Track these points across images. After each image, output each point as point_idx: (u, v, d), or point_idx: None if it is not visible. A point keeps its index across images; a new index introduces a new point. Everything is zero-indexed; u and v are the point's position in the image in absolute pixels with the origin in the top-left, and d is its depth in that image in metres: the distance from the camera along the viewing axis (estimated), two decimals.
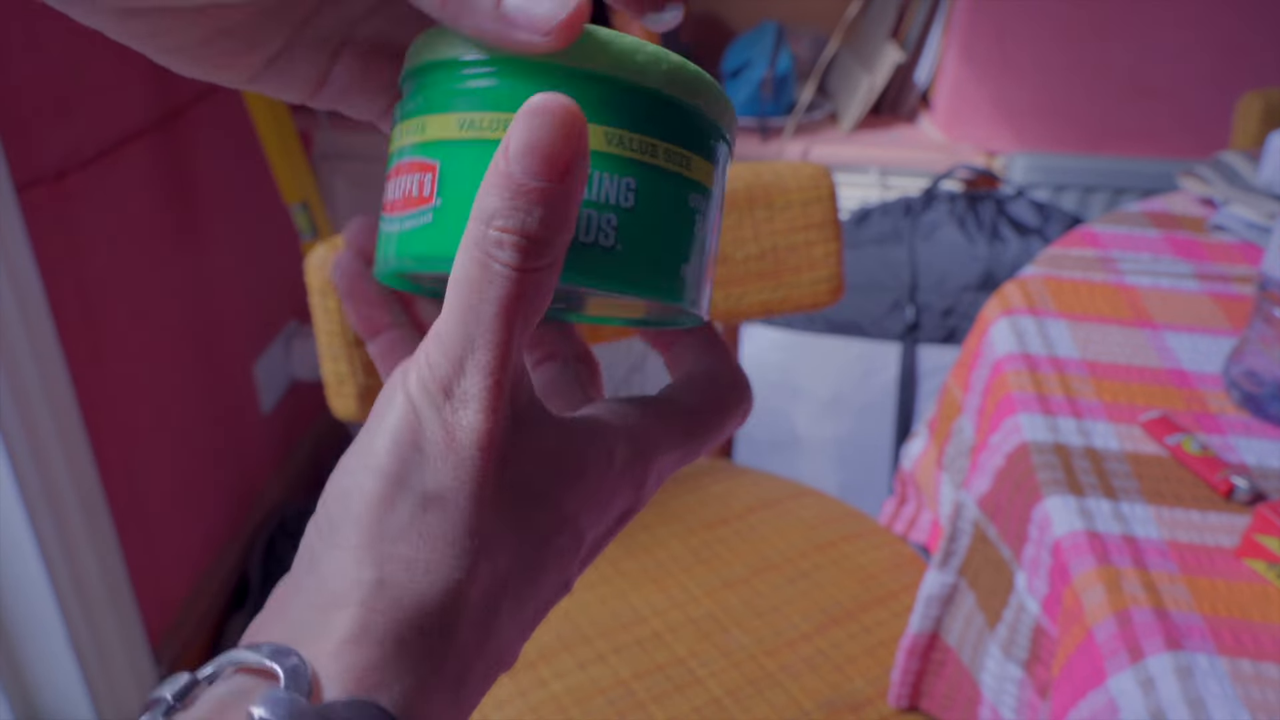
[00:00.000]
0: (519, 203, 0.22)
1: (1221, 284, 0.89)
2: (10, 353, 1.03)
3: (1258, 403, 0.71)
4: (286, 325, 1.71)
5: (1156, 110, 1.56)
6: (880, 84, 1.56)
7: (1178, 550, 0.60)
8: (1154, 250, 0.95)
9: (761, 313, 0.96)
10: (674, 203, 0.26)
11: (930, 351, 1.38)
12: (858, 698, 0.79)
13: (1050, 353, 0.79)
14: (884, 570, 0.90)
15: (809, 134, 1.60)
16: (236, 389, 1.53)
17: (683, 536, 0.94)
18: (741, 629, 0.84)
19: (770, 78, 1.58)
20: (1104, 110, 1.57)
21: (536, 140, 0.22)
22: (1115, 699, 0.53)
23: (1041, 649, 0.63)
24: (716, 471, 1.04)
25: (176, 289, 1.35)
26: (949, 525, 0.76)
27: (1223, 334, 0.81)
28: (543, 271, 0.23)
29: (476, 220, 0.22)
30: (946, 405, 0.90)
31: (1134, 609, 0.56)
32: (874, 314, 1.40)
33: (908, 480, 0.97)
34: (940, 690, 0.76)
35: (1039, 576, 0.63)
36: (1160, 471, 0.66)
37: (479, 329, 0.22)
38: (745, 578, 0.89)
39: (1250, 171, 1.03)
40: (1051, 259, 0.93)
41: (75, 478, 1.13)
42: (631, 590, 0.88)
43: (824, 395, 1.44)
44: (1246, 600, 0.57)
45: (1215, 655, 0.53)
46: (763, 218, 0.94)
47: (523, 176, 0.22)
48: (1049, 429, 0.70)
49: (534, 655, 0.82)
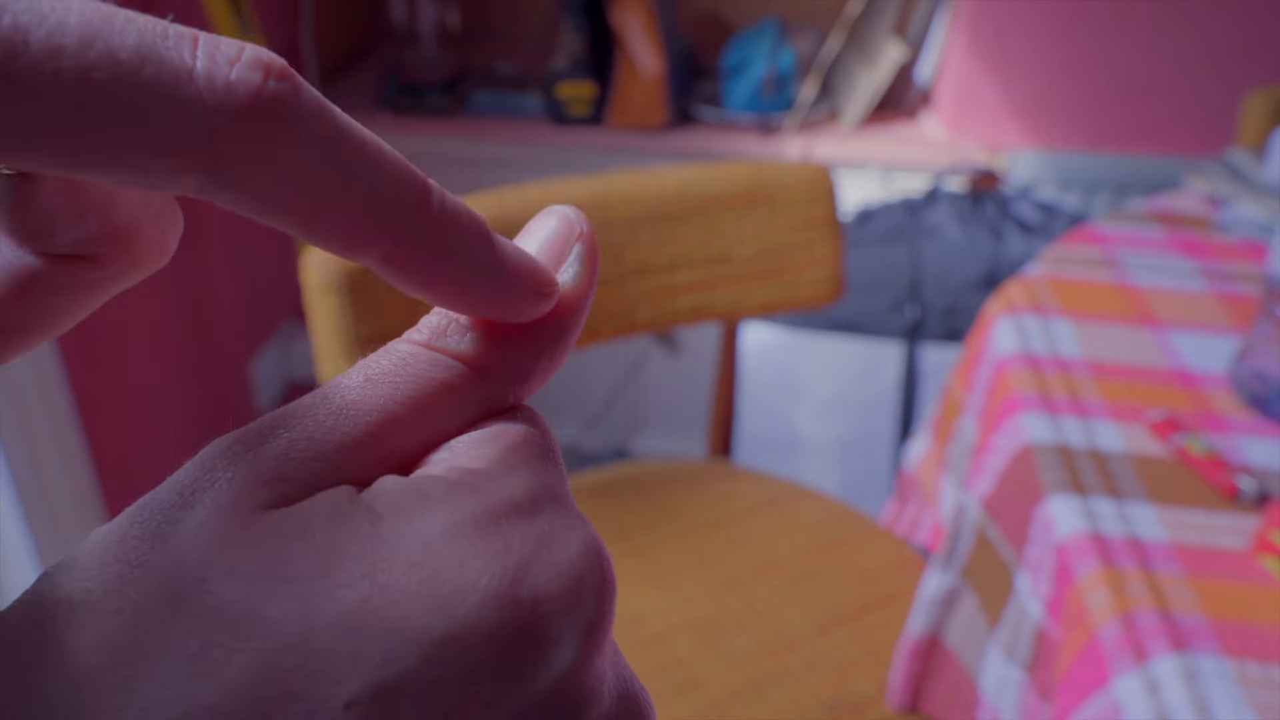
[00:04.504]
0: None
1: (1227, 283, 0.88)
2: None
3: (1265, 403, 0.71)
4: (283, 325, 1.70)
5: (1161, 107, 1.56)
6: (883, 81, 1.55)
7: (1182, 552, 0.59)
8: (1159, 249, 0.94)
9: (762, 312, 0.96)
10: None
11: (932, 351, 1.38)
12: (859, 699, 0.78)
13: (1053, 352, 0.78)
14: (886, 572, 0.90)
15: (810, 132, 1.60)
16: (233, 389, 1.53)
17: (683, 538, 0.93)
18: (742, 631, 0.84)
19: (771, 75, 1.58)
20: (1109, 107, 1.57)
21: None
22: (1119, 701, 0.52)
23: (1043, 651, 0.62)
24: (717, 472, 1.04)
25: (172, 289, 1.35)
26: (951, 526, 0.76)
27: (1228, 333, 0.81)
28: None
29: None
30: (948, 405, 0.90)
31: (1138, 611, 0.55)
32: (876, 313, 1.39)
33: (909, 481, 0.97)
34: (940, 692, 0.75)
35: (1042, 578, 0.63)
36: (1164, 472, 0.65)
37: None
38: (746, 579, 0.89)
39: (1256, 169, 1.02)
40: (1055, 258, 0.92)
41: (71, 479, 1.13)
42: (631, 592, 0.87)
43: (825, 395, 1.44)
44: (1252, 602, 0.56)
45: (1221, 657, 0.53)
46: (764, 217, 0.93)
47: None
48: (1052, 429, 0.69)
49: None
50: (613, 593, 0.18)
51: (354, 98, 1.67)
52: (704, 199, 0.92)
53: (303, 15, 1.57)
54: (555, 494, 0.19)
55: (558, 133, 1.59)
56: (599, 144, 1.58)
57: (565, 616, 0.17)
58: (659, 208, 0.90)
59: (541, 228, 0.21)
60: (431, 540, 0.16)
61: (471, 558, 0.16)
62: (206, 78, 0.14)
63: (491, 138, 1.60)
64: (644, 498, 0.98)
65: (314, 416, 0.18)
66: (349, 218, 0.16)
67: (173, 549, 0.15)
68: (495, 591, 0.16)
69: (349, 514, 0.16)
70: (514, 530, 0.17)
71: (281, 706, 0.15)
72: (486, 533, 0.17)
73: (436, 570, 0.16)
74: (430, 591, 0.16)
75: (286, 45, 1.59)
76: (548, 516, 0.18)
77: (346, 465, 0.17)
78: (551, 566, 0.17)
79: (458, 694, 0.16)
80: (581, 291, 0.20)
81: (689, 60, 1.66)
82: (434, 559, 0.16)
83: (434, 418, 0.19)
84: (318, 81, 1.60)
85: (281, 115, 0.15)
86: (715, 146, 1.57)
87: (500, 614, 0.16)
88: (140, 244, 0.19)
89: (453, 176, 1.62)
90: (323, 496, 0.17)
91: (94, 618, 0.15)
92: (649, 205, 0.90)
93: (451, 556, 0.16)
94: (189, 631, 0.15)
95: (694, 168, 0.93)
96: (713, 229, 0.92)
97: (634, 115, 1.57)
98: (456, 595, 0.16)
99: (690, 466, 1.04)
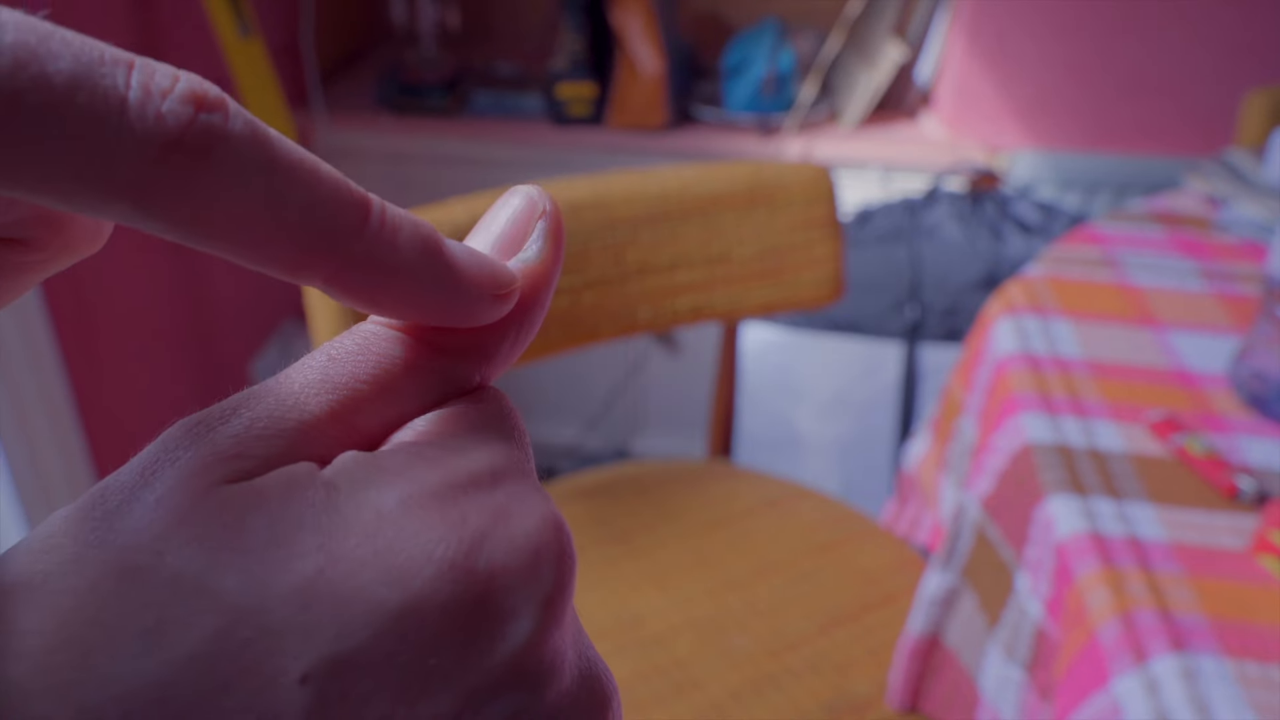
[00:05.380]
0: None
1: (1227, 283, 0.89)
2: (6, 355, 1.02)
3: (1264, 403, 0.71)
4: (283, 325, 1.70)
5: (1161, 107, 1.56)
6: (883, 81, 1.55)
7: (1182, 552, 0.59)
8: (1158, 249, 0.94)
9: (762, 312, 0.96)
10: None
11: (932, 351, 1.38)
12: (859, 699, 0.78)
13: (1053, 352, 0.78)
14: (886, 572, 0.90)
15: (810, 132, 1.60)
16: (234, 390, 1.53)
17: (683, 538, 0.93)
18: (742, 630, 0.84)
19: (771, 75, 1.58)
20: (1109, 107, 1.57)
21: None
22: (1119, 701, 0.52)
23: (1043, 651, 0.62)
24: (717, 472, 1.04)
25: (172, 289, 1.35)
26: (950, 526, 0.76)
27: (1228, 333, 0.81)
28: None
29: None
30: (948, 405, 0.90)
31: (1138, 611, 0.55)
32: (876, 313, 1.39)
33: (909, 481, 0.97)
34: (940, 692, 0.75)
35: (1041, 578, 0.63)
36: (1164, 472, 0.65)
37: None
38: (746, 579, 0.89)
39: (1256, 169, 1.02)
40: (1055, 258, 0.92)
41: (72, 481, 1.13)
42: (631, 592, 0.87)
43: (825, 395, 1.44)
44: (1252, 601, 0.56)
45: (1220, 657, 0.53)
46: (764, 216, 0.93)
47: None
48: (1052, 429, 0.69)
49: None
50: (571, 566, 0.18)
51: (354, 98, 1.67)
52: (704, 199, 0.92)
53: (302, 15, 1.57)
54: (515, 468, 0.18)
55: (558, 133, 1.59)
56: (599, 144, 1.58)
57: (522, 589, 0.17)
58: (659, 208, 0.90)
59: (504, 208, 0.21)
60: (387, 511, 0.16)
61: (427, 529, 0.16)
62: (138, 108, 0.14)
63: (491, 138, 1.60)
64: (644, 498, 0.98)
65: (275, 395, 0.18)
66: (283, 245, 0.16)
67: (130, 524, 0.15)
68: (450, 563, 0.16)
69: (305, 487, 0.16)
70: (471, 502, 0.17)
71: (237, 680, 0.14)
72: (443, 504, 0.17)
73: (391, 541, 0.16)
74: (385, 563, 0.16)
75: (286, 45, 1.59)
76: (506, 490, 0.18)
77: (307, 443, 0.17)
78: (508, 539, 0.17)
79: (413, 667, 0.15)
80: (545, 268, 0.20)
81: (689, 60, 1.66)
82: (389, 529, 0.16)
83: (396, 396, 0.19)
84: (317, 81, 1.60)
85: (210, 148, 0.15)
86: (715, 146, 1.57)
87: (455, 586, 0.16)
88: (73, 228, 0.19)
89: (453, 176, 1.62)
90: (281, 472, 0.16)
91: (48, 598, 0.15)
92: (649, 205, 0.90)
93: (406, 527, 0.16)
94: (145, 605, 0.15)
95: (694, 168, 0.93)
96: (713, 229, 0.92)
97: (634, 115, 1.57)
98: (412, 566, 0.16)
99: (690, 466, 1.04)
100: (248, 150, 0.15)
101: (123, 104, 0.14)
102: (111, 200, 0.14)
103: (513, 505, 0.17)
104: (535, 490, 0.18)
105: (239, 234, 0.16)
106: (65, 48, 0.14)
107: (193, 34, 1.35)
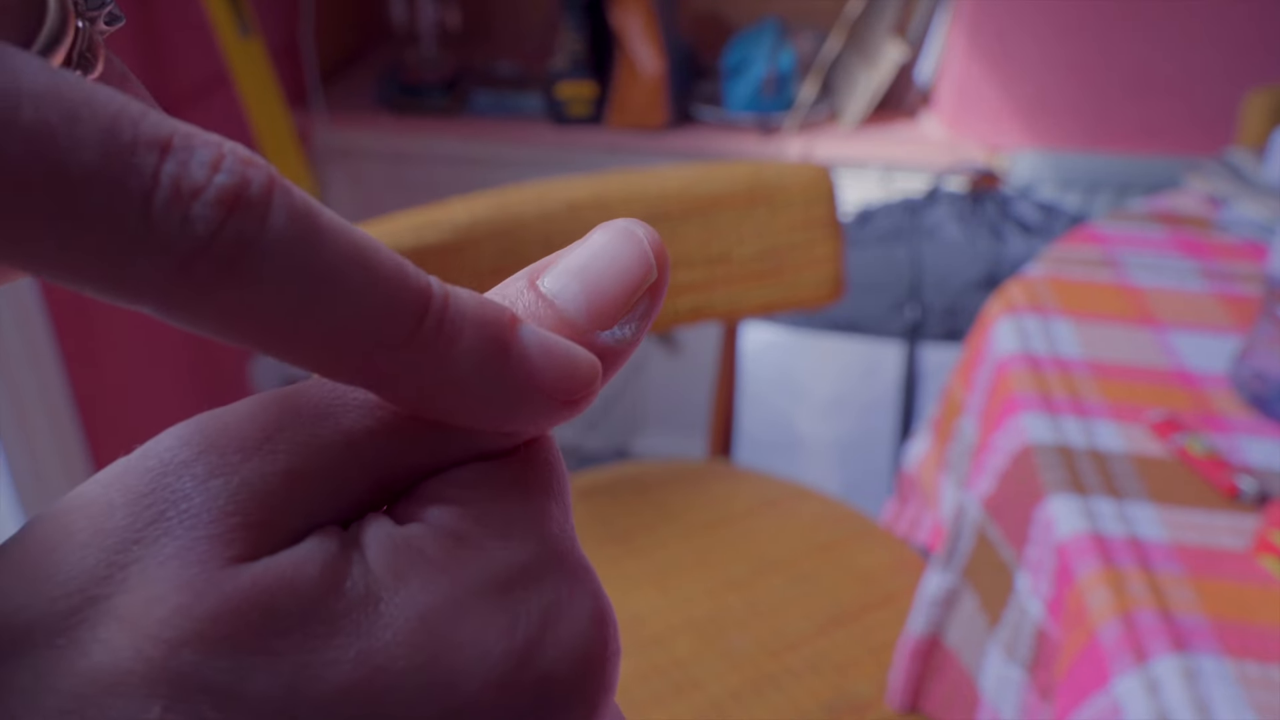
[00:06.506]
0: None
1: (1227, 283, 0.88)
2: (6, 355, 1.02)
3: (1265, 402, 0.71)
4: None
5: (1162, 107, 1.55)
6: (883, 81, 1.55)
7: (1182, 552, 0.59)
8: (1159, 249, 0.94)
9: (762, 312, 0.96)
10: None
11: (933, 351, 1.37)
12: (859, 700, 0.78)
13: (1054, 352, 0.78)
14: (886, 572, 0.90)
15: (810, 132, 1.60)
16: (233, 390, 1.53)
17: (683, 538, 0.93)
18: (742, 631, 0.84)
19: (771, 75, 1.58)
20: (1109, 106, 1.57)
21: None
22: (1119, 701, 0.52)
23: (1044, 651, 0.62)
24: (717, 472, 1.04)
25: None
26: (951, 526, 0.76)
27: (1228, 333, 0.80)
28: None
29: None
30: (948, 405, 0.90)
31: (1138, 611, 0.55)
32: (876, 313, 1.39)
33: (909, 481, 0.97)
34: (940, 692, 0.75)
35: (1042, 578, 0.63)
36: (1165, 472, 0.65)
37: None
38: (746, 579, 0.89)
39: (1256, 169, 1.02)
40: (1055, 258, 0.92)
41: (71, 481, 1.13)
42: (631, 592, 0.87)
43: (825, 395, 1.44)
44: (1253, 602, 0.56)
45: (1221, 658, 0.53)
46: (764, 216, 0.93)
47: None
48: (1052, 429, 0.69)
49: None
50: (616, 662, 0.17)
51: (354, 98, 1.67)
52: (704, 199, 0.92)
53: (302, 15, 1.57)
54: (562, 546, 0.17)
55: (558, 132, 1.59)
56: (599, 144, 1.58)
57: (570, 696, 0.16)
58: (659, 208, 0.90)
59: (612, 255, 0.18)
60: (432, 615, 0.15)
61: (474, 638, 0.15)
62: (162, 210, 0.12)
63: (491, 137, 1.60)
64: (644, 498, 0.98)
65: (309, 440, 0.15)
66: (321, 350, 0.14)
67: (130, 593, 0.13)
68: (500, 675, 0.15)
69: (342, 577, 0.14)
70: (520, 602, 0.16)
71: None
72: (491, 605, 0.15)
73: (437, 652, 0.14)
74: (430, 675, 0.14)
75: (286, 45, 1.59)
76: (555, 578, 0.16)
77: (336, 501, 0.16)
78: (558, 644, 0.16)
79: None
80: (625, 348, 0.18)
81: (689, 60, 1.66)
82: (435, 639, 0.15)
83: (433, 443, 0.17)
84: (317, 81, 1.60)
85: (239, 259, 0.13)
86: (715, 146, 1.57)
87: (504, 698, 0.15)
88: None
89: (453, 176, 1.62)
90: (312, 549, 0.15)
91: (40, 655, 0.13)
92: (649, 205, 0.90)
93: (454, 636, 0.15)
94: (150, 696, 0.13)
95: (694, 168, 0.93)
96: (713, 229, 0.92)
97: (634, 115, 1.57)
98: (459, 678, 0.14)
99: (690, 466, 1.04)
100: (283, 256, 0.13)
101: (146, 205, 0.12)
102: (129, 299, 0.13)
103: (562, 600, 0.16)
104: (584, 571, 0.17)
105: (269, 340, 0.14)
106: (92, 131, 0.12)
107: (193, 34, 1.35)
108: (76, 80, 0.12)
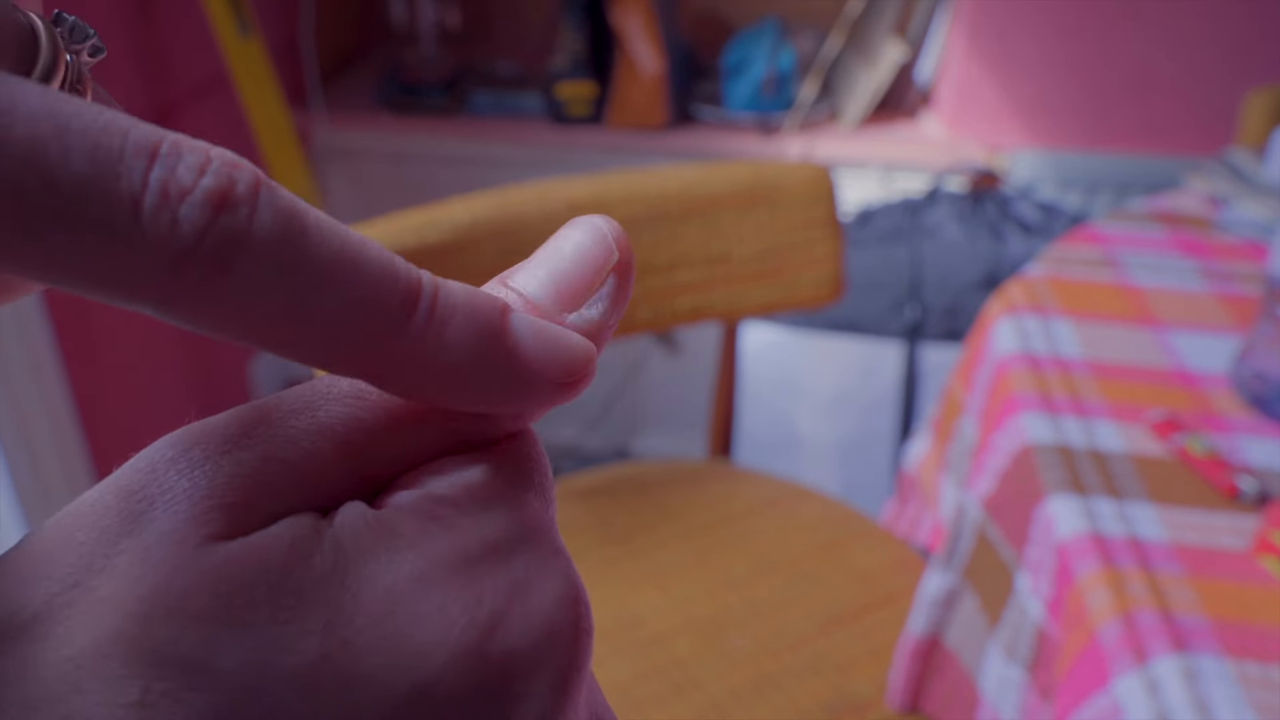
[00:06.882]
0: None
1: (1228, 283, 0.88)
2: (6, 355, 1.02)
3: (1265, 402, 0.71)
4: None
5: (1162, 106, 1.55)
6: (883, 81, 1.55)
7: (1183, 552, 0.59)
8: (1159, 249, 0.94)
9: (762, 312, 0.96)
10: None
11: (933, 351, 1.37)
12: (859, 699, 0.78)
13: (1054, 352, 0.78)
14: (886, 572, 0.90)
15: (810, 132, 1.60)
16: (233, 390, 1.53)
17: (683, 538, 0.93)
18: (742, 631, 0.83)
19: (771, 75, 1.58)
20: (1109, 106, 1.57)
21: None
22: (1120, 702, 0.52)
23: (1044, 651, 0.62)
24: (717, 472, 1.04)
25: None
26: (951, 526, 0.76)
27: (1229, 333, 0.80)
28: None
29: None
30: (948, 405, 0.90)
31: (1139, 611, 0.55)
32: (876, 313, 1.39)
33: (910, 481, 0.97)
34: (940, 692, 0.75)
35: (1042, 578, 0.63)
36: (1165, 472, 0.65)
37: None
38: (746, 579, 0.89)
39: (1256, 169, 1.02)
40: (1055, 257, 0.92)
41: (71, 482, 1.13)
42: (631, 592, 0.87)
43: (826, 395, 1.44)
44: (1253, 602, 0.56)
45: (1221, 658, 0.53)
46: (764, 217, 0.93)
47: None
48: (1053, 429, 0.69)
49: None
50: (588, 641, 0.17)
51: (354, 97, 1.67)
52: (704, 199, 0.92)
53: (302, 14, 1.57)
54: (535, 529, 0.17)
55: (558, 132, 1.59)
56: (599, 144, 1.58)
57: (537, 672, 0.16)
58: (659, 208, 0.90)
59: (570, 245, 0.19)
60: (399, 588, 0.15)
61: (440, 611, 0.15)
62: (151, 214, 0.13)
63: (491, 137, 1.60)
64: (644, 498, 0.98)
65: (283, 428, 0.16)
66: (315, 344, 0.15)
67: (116, 578, 0.14)
68: (465, 649, 0.15)
69: (311, 552, 0.15)
70: (487, 578, 0.16)
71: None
72: (458, 581, 0.16)
73: (403, 624, 0.15)
74: (395, 647, 0.15)
75: (286, 45, 1.59)
76: (524, 558, 0.16)
77: (313, 490, 0.16)
78: (524, 619, 0.16)
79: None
80: (595, 329, 0.18)
81: (689, 60, 1.66)
82: (401, 611, 0.15)
83: (414, 435, 0.17)
84: (317, 81, 1.60)
85: (228, 258, 0.13)
86: (715, 146, 1.57)
87: (469, 672, 0.15)
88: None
89: (453, 176, 1.62)
90: (284, 529, 0.15)
91: (30, 646, 0.13)
92: (649, 205, 0.90)
93: (419, 609, 0.15)
94: (129, 676, 0.13)
95: (694, 168, 0.93)
96: (713, 229, 0.92)
97: (634, 115, 1.57)
98: (423, 651, 0.15)
99: (690, 466, 1.04)
100: (271, 254, 0.14)
101: (136, 208, 0.13)
102: (126, 299, 0.14)
103: (531, 578, 0.16)
104: (555, 554, 0.17)
105: (264, 336, 0.15)
106: (82, 141, 0.13)
107: (193, 34, 1.35)
108: (68, 98, 0.13)
